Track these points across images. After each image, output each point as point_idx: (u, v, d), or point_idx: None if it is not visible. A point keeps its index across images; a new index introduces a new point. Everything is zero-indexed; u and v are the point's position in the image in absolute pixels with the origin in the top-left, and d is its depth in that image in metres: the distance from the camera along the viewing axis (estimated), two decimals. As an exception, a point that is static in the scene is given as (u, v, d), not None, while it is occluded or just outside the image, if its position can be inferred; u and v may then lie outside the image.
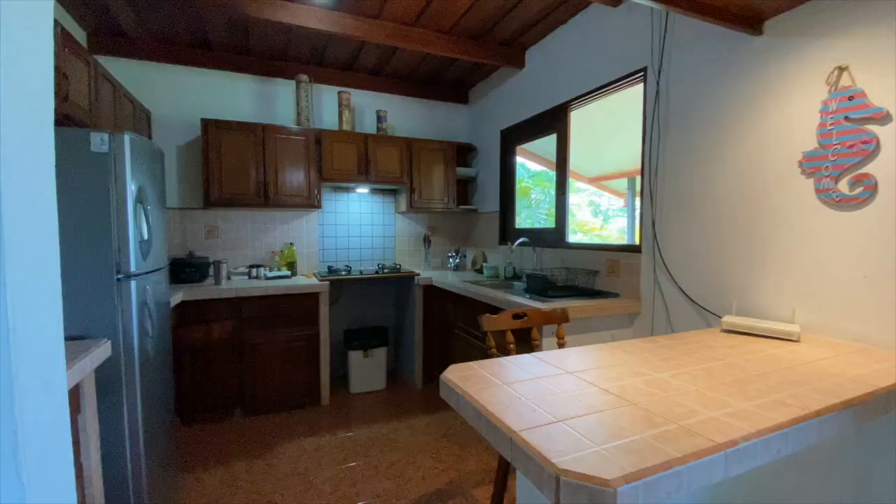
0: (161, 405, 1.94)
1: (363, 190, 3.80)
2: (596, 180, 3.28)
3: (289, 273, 3.42)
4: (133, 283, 1.65)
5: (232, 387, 2.95)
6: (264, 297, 2.99)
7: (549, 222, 3.22)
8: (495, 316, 1.65)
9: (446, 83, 4.00)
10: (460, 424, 2.87)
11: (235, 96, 3.40)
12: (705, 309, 1.94)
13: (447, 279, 3.34)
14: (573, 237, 3.00)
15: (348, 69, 3.67)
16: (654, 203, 2.20)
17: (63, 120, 1.79)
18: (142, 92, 3.08)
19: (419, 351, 3.52)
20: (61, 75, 1.75)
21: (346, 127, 3.50)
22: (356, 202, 3.84)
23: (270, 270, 3.47)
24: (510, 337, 1.65)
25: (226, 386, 2.94)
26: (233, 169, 3.12)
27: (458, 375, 1.14)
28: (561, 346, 1.75)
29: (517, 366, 1.23)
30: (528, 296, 2.39)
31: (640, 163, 2.31)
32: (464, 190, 4.14)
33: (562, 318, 1.77)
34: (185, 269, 3.10)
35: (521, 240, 3.08)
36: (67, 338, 1.62)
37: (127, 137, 1.61)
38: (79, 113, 1.94)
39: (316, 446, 2.62)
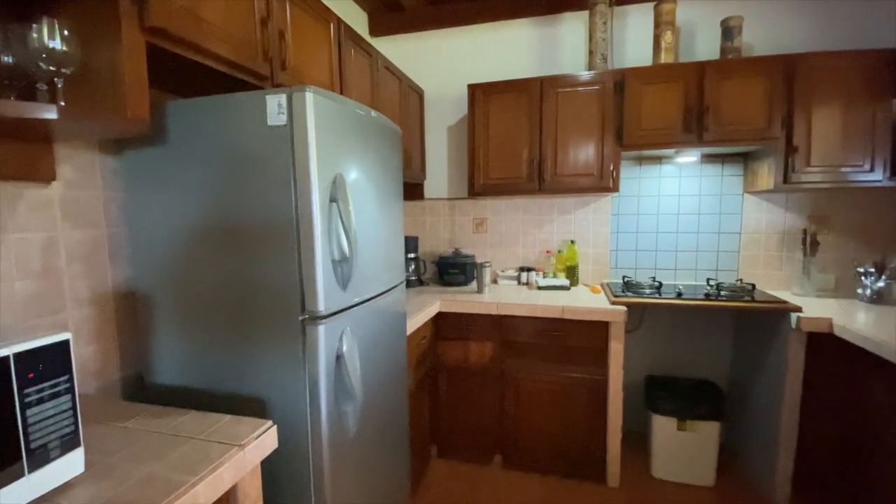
0: (384, 495, 1.37)
1: (688, 158, 2.39)
2: None
3: (567, 282, 2.48)
4: (320, 330, 1.05)
5: (491, 426, 2.30)
6: (531, 317, 2.16)
7: None
8: None
9: (881, -66, 2.03)
10: None
11: (509, 52, 2.64)
12: None
13: (862, 322, 1.63)
14: None
15: (671, -32, 2.31)
16: None
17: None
18: (414, 69, 2.74)
19: (788, 444, 1.94)
20: (275, 32, 1.31)
21: (665, 58, 2.18)
22: (673, 179, 2.47)
23: (544, 276, 2.63)
24: None
25: (484, 423, 2.31)
26: (501, 146, 2.39)
27: None
28: None
29: None
30: None
31: None
32: (906, 143, 2.08)
33: None
34: (448, 269, 2.64)
35: None
36: (237, 397, 1.19)
37: (309, 96, 0.99)
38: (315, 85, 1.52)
39: (596, 581, 1.62)
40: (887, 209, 2.22)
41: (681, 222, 2.48)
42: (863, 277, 2.12)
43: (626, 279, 2.38)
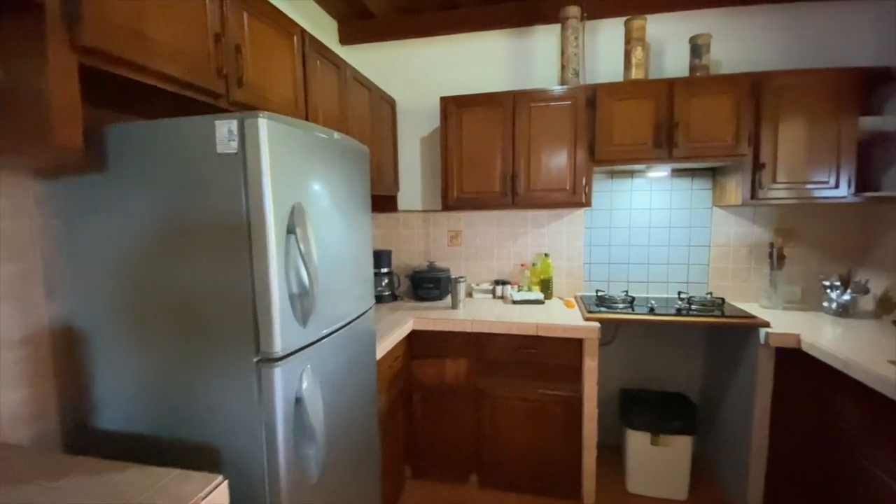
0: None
1: (659, 173, 2.41)
2: None
3: (541, 296, 2.46)
4: (276, 373, 0.98)
5: (468, 445, 2.26)
6: (506, 335, 2.13)
7: None
8: None
9: (839, -43, 2.09)
10: None
11: (482, 63, 2.62)
12: None
13: (829, 338, 1.67)
14: None
15: (641, -16, 2.33)
16: None
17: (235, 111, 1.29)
18: (386, 79, 2.67)
19: (759, 459, 1.96)
20: (231, 47, 1.23)
21: (636, 74, 2.20)
22: (644, 192, 2.49)
23: (519, 290, 2.61)
24: None
25: (461, 442, 2.26)
26: (474, 160, 2.35)
27: None
28: None
29: None
30: None
31: None
32: (862, 160, 2.14)
33: None
34: (423, 283, 2.59)
35: None
36: (187, 444, 1.11)
37: (262, 122, 0.92)
38: (278, 104, 1.44)
39: None
40: (852, 223, 2.29)
41: (652, 235, 2.50)
42: (829, 290, 2.17)
43: (599, 293, 2.38)
